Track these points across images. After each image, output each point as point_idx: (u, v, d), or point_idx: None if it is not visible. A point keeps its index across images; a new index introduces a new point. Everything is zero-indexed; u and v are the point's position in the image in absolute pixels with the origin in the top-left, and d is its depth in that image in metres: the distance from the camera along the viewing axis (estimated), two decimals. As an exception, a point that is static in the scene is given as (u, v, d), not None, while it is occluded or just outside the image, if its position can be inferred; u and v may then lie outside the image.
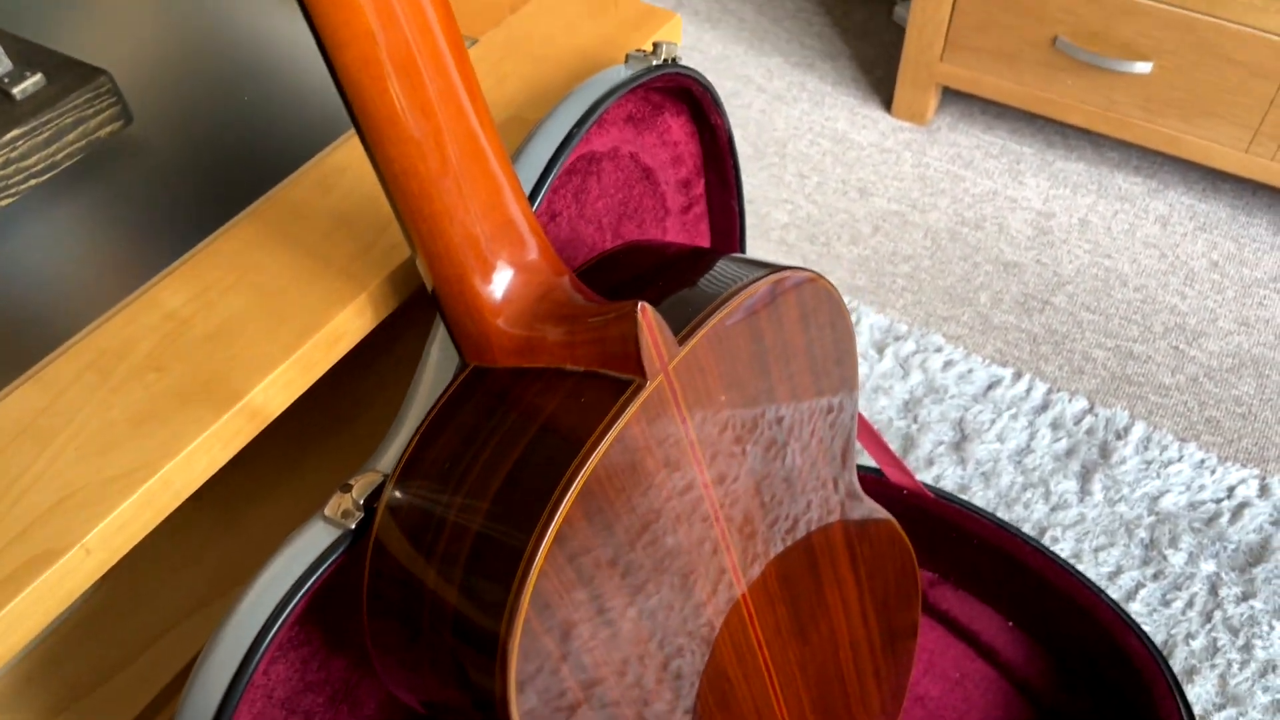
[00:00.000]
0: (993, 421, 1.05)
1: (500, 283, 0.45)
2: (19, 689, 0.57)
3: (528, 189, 0.51)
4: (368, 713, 0.61)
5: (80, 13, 0.63)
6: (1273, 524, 0.95)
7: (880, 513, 0.71)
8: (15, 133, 0.52)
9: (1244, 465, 1.01)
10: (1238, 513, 0.96)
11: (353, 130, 0.57)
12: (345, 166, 0.55)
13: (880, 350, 1.12)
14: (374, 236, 0.52)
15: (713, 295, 0.48)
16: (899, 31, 1.53)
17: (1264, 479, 0.99)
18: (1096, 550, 0.95)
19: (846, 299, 1.18)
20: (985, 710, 0.84)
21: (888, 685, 0.77)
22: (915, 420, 1.06)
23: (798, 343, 0.52)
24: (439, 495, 0.43)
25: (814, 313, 0.52)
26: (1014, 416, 1.05)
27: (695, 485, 0.48)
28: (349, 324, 0.49)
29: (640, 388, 0.43)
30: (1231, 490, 0.98)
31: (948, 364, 1.10)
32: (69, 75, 0.55)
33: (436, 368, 0.49)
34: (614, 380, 0.44)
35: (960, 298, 1.18)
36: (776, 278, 0.49)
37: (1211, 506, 0.97)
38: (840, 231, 1.26)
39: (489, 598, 0.41)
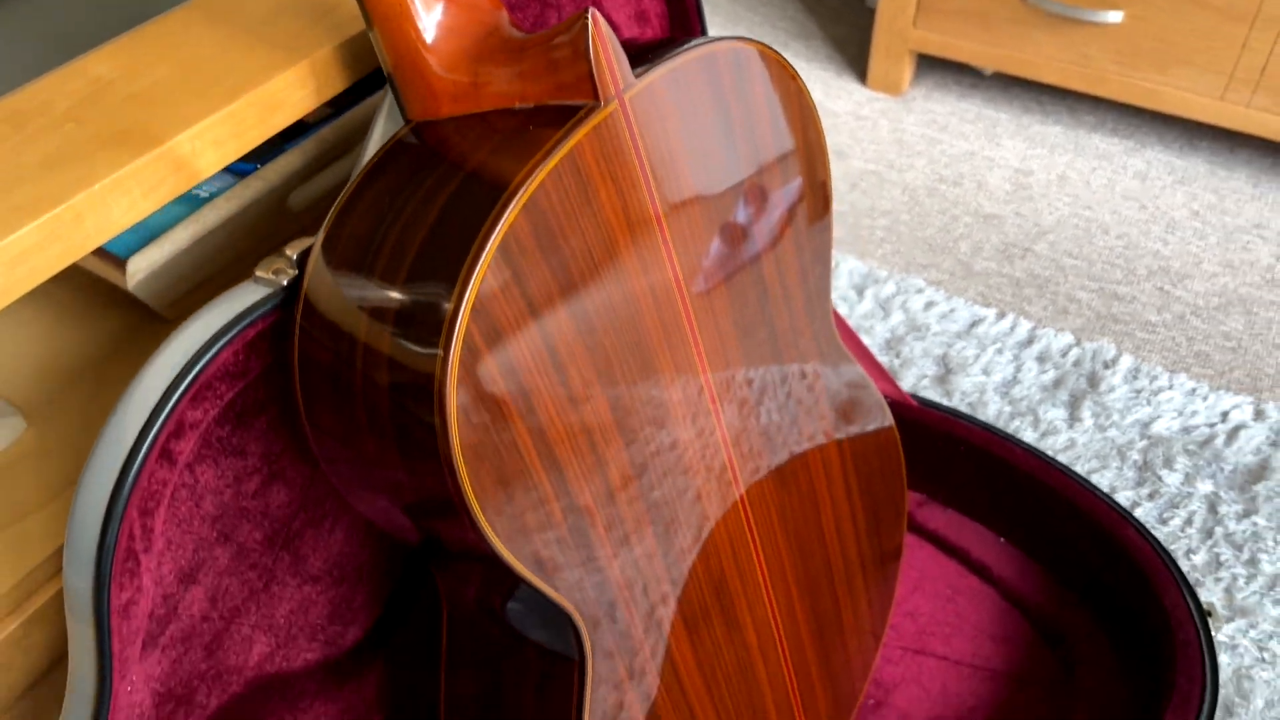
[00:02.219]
0: (977, 356, 1.02)
1: (434, 15, 0.42)
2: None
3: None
4: (311, 569, 0.57)
5: None
6: (1270, 445, 0.92)
7: (878, 408, 0.68)
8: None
9: (1237, 394, 0.98)
10: (1233, 435, 0.93)
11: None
12: (290, -31, 0.53)
13: (860, 293, 1.09)
14: (320, 15, 0.49)
15: (672, 45, 0.45)
16: (870, 15, 1.54)
17: (1258, 405, 0.96)
18: (1089, 474, 0.91)
19: (825, 249, 1.15)
20: (978, 624, 0.79)
21: (876, 602, 0.73)
22: (898, 356, 1.02)
23: (763, 116, 0.49)
24: (373, 235, 0.40)
25: (779, 82, 0.49)
26: (999, 351, 1.02)
27: (659, 254, 0.44)
28: (288, 93, 0.46)
29: (593, 110, 0.40)
30: (1225, 415, 0.95)
31: (929, 304, 1.07)
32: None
33: (380, 139, 0.46)
34: (564, 108, 0.41)
35: (940, 247, 1.16)
36: (743, 41, 0.47)
37: (1205, 430, 0.94)
38: (817, 189, 1.25)
39: (428, 315, 0.37)
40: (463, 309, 0.36)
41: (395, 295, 0.38)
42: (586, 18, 0.39)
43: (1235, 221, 1.18)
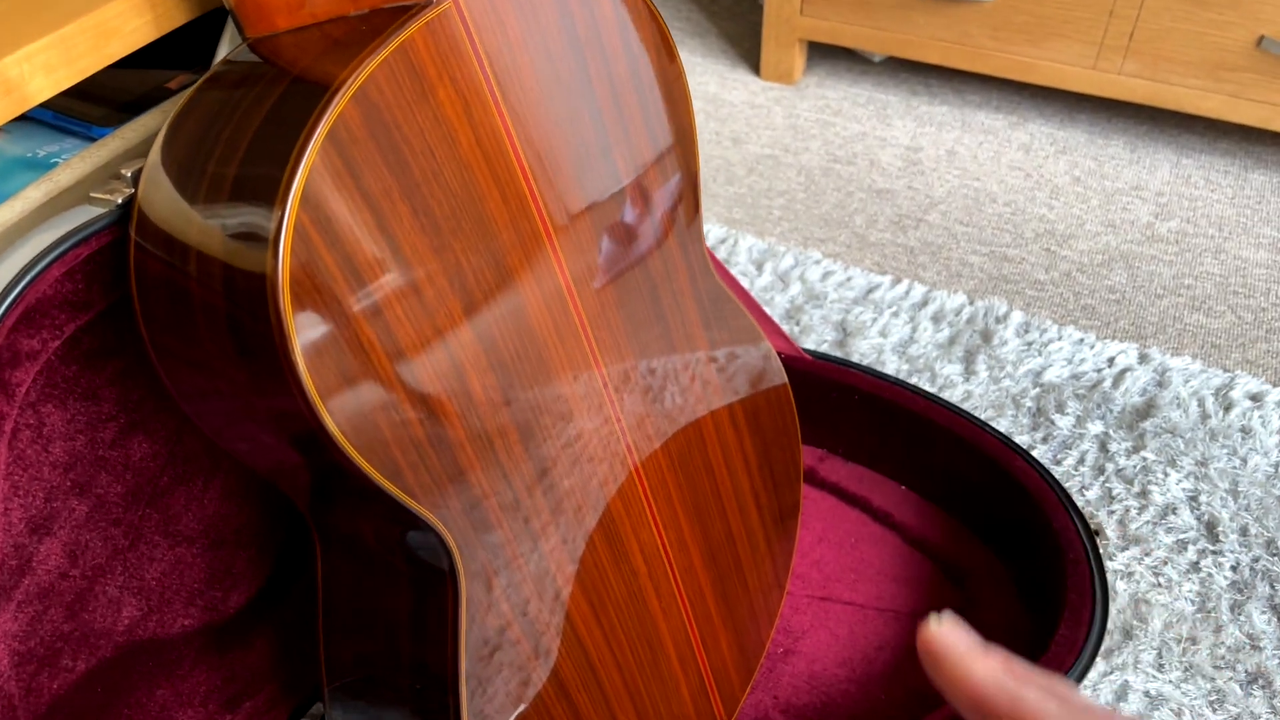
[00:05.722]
0: (874, 320, 1.03)
1: (273, -73, 0.42)
2: None
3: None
4: (184, 530, 0.55)
5: None
6: (1155, 385, 0.95)
7: (769, 365, 0.68)
8: None
9: (1122, 341, 1.01)
10: (1120, 378, 0.96)
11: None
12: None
13: (759, 267, 1.10)
14: (156, -48, 0.48)
15: (511, -40, 0.45)
16: (762, 12, 1.57)
17: (1143, 350, 0.99)
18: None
19: (723, 230, 1.17)
20: (882, 569, 0.79)
21: (779, 556, 0.73)
22: (798, 324, 1.04)
23: (613, 34, 0.49)
24: (203, 140, 0.39)
25: (634, 12, 0.50)
26: (895, 314, 1.04)
27: (508, 160, 0.44)
28: (123, 20, 0.45)
29: (425, 8, 0.40)
30: (1112, 360, 0.98)
31: (826, 274, 1.09)
32: None
33: (221, 65, 0.46)
34: (397, 9, 0.41)
35: (836, 222, 1.18)
36: (582, -41, 0.48)
37: (1094, 375, 0.96)
38: (715, 174, 1.26)
39: (257, 209, 0.36)
40: (291, 197, 0.36)
41: (224, 193, 0.37)
42: (410, -87, 0.39)
43: (1115, 185, 1.23)
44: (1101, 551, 0.77)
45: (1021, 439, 0.91)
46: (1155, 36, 1.17)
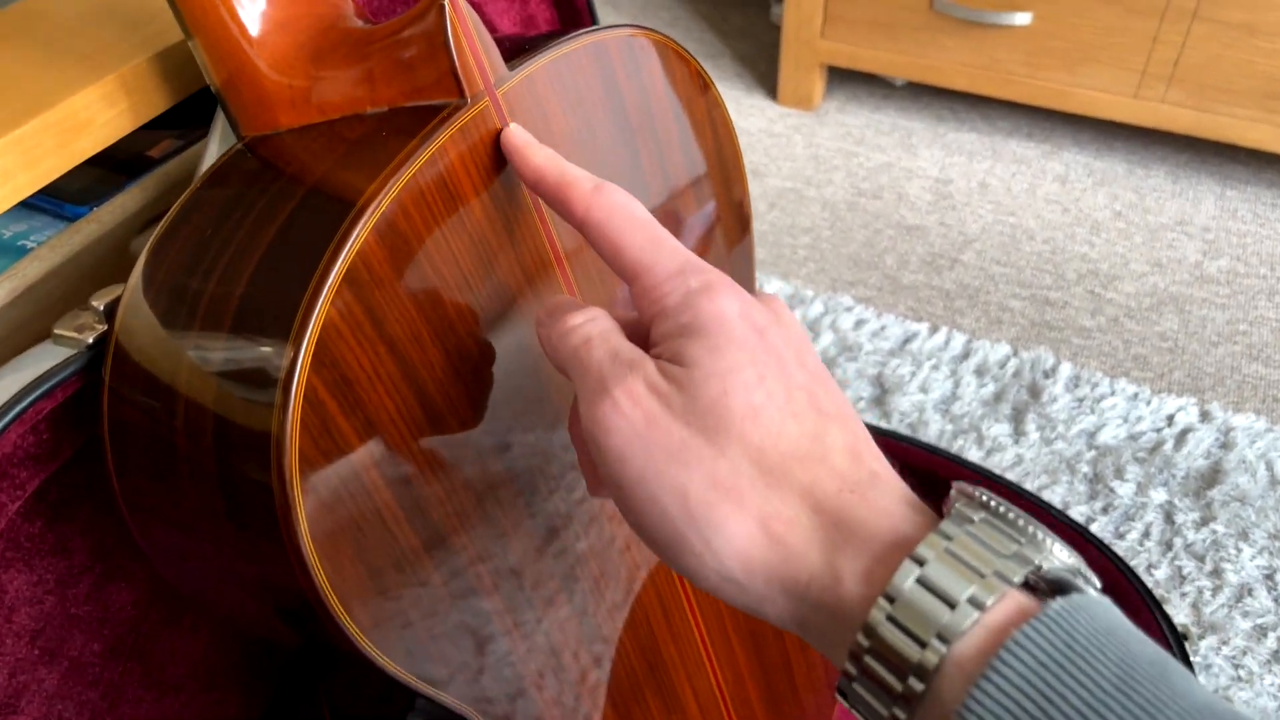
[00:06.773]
0: (913, 374, 0.96)
1: (258, 3, 0.35)
2: None
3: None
4: (171, 677, 0.48)
5: None
6: (1220, 447, 0.88)
7: None
8: None
9: (1179, 395, 0.94)
10: (1181, 439, 0.89)
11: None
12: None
13: (787, 315, 1.03)
14: (135, 24, 0.41)
15: (553, 37, 0.38)
16: (777, 31, 1.51)
17: (1203, 406, 0.92)
18: (1040, 490, 0.86)
19: (747, 272, 1.10)
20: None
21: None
22: (831, 379, 0.97)
23: (664, 108, 0.42)
24: (194, 269, 0.32)
25: (679, 73, 0.43)
26: (935, 367, 0.97)
27: (546, 260, 0.37)
28: (94, 112, 0.38)
29: (459, 110, 0.33)
30: (1171, 418, 0.91)
31: (859, 323, 1.02)
32: None
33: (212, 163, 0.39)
34: (423, 109, 0.34)
35: (865, 262, 1.12)
36: (637, 30, 0.41)
37: (1153, 436, 0.90)
38: (735, 210, 1.19)
39: (259, 368, 0.29)
40: (300, 361, 0.29)
41: (222, 338, 0.30)
42: (443, 2, 0.32)
43: (1158, 220, 1.16)
44: (1192, 657, 0.70)
45: (1080, 510, 0.85)
46: (1202, 64, 1.10)
